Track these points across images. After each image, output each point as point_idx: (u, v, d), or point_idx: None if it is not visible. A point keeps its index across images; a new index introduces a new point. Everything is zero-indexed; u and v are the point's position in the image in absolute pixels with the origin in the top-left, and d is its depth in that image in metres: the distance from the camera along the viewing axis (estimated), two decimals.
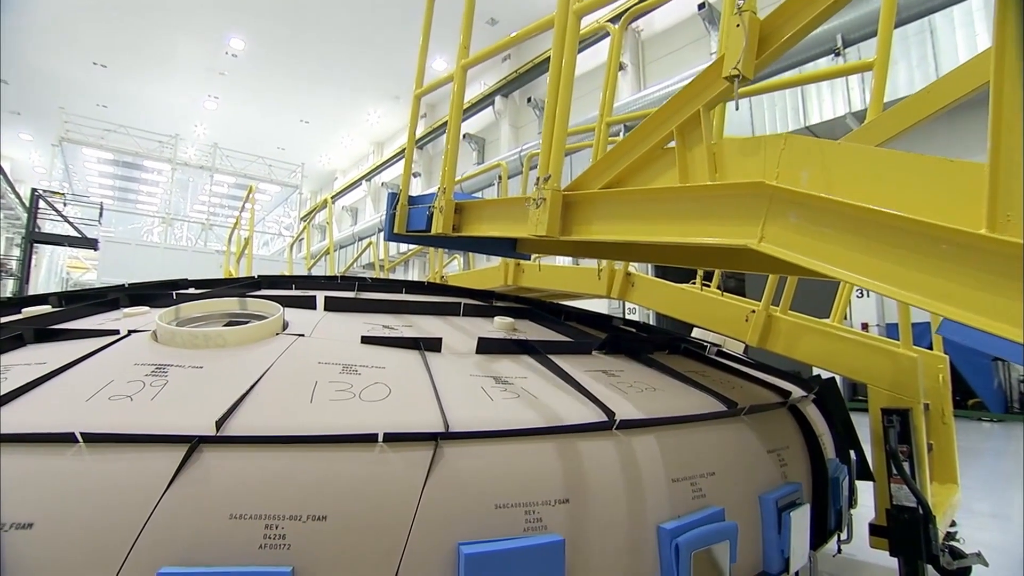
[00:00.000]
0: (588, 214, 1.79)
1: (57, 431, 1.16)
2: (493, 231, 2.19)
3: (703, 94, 1.51)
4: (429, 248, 5.97)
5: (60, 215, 15.08)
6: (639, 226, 1.61)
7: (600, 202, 1.76)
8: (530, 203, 1.83)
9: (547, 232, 1.76)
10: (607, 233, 1.70)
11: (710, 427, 1.82)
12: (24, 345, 1.71)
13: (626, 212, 1.66)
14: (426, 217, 2.43)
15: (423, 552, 1.14)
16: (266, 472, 1.14)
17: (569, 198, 1.83)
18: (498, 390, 1.51)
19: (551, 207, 1.77)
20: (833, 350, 2.84)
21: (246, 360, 1.49)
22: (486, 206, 2.29)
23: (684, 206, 1.48)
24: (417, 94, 2.89)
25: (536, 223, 1.80)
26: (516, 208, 2.03)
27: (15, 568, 1.02)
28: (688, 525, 1.50)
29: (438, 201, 2.36)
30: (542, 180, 1.82)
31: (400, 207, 2.62)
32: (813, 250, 1.16)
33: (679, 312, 3.60)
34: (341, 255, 22.01)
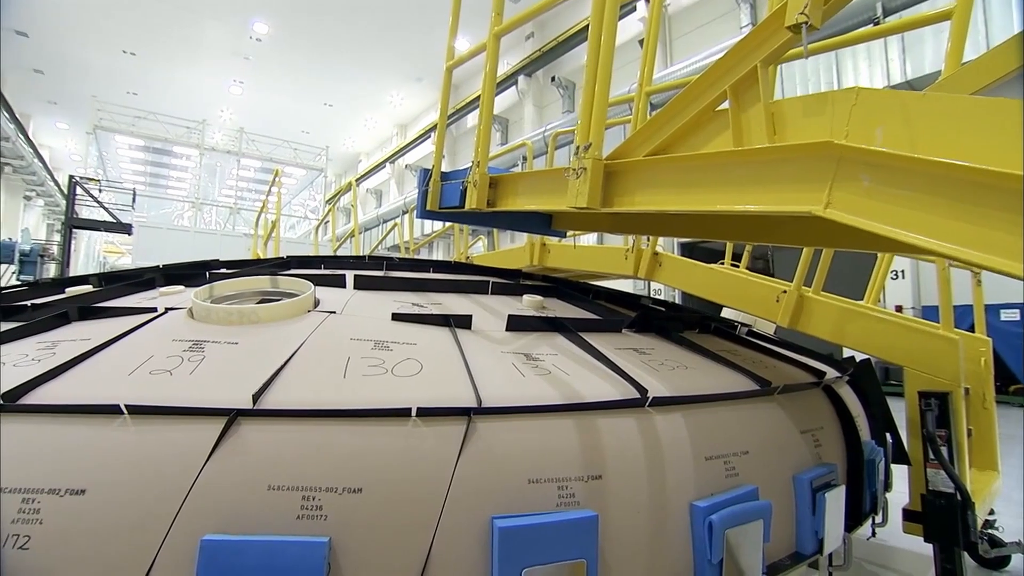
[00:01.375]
0: (631, 184, 1.69)
1: (103, 403, 1.20)
2: (529, 205, 2.11)
3: (761, 48, 1.38)
4: (454, 229, 5.97)
5: (96, 201, 15.52)
6: (687, 195, 1.50)
7: (644, 170, 1.65)
8: (569, 173, 1.74)
9: (587, 203, 1.67)
10: (651, 204, 1.60)
11: (743, 406, 1.79)
12: (69, 322, 1.77)
13: (673, 180, 1.56)
14: (459, 193, 2.35)
15: (457, 525, 1.15)
16: (302, 445, 1.16)
17: (611, 167, 1.73)
18: (529, 367, 1.50)
19: (592, 177, 1.67)
20: (868, 331, 2.76)
21: (280, 336, 1.51)
22: (522, 179, 2.21)
23: (738, 172, 1.37)
24: (449, 66, 2.79)
25: (576, 194, 1.71)
26: (554, 180, 1.95)
27: (71, 531, 1.06)
28: (722, 503, 1.48)
29: (472, 175, 2.28)
30: (582, 149, 1.72)
31: (432, 183, 2.56)
32: (890, 216, 1.03)
33: (708, 292, 3.53)
34: (366, 237, 22.22)
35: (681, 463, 1.49)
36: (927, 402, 2.44)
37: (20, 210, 25.71)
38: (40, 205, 28.26)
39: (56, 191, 24.42)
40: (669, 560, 1.41)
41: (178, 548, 1.07)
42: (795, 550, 1.77)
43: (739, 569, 1.48)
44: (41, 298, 2.19)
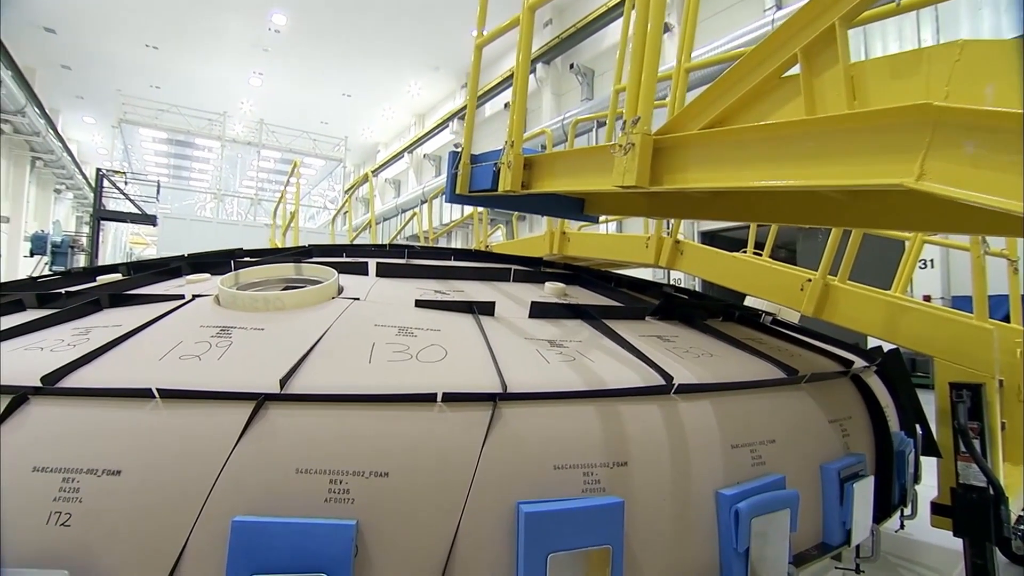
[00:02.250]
0: (683, 160, 1.57)
1: (136, 387, 1.22)
2: (568, 186, 2.00)
3: (839, 4, 1.24)
4: (473, 218, 5.96)
5: (122, 193, 15.83)
6: (749, 171, 1.37)
7: (699, 145, 1.53)
8: (616, 150, 1.63)
9: (636, 182, 1.56)
10: (707, 180, 1.48)
11: (769, 394, 1.76)
12: (101, 309, 1.81)
13: (732, 155, 1.43)
14: (491, 175, 2.25)
15: (483, 510, 1.15)
16: (329, 429, 1.17)
17: (661, 143, 1.61)
18: (553, 353, 1.49)
19: (641, 153, 1.56)
20: (897, 320, 2.69)
21: (305, 322, 1.52)
22: (560, 158, 2.10)
23: (811, 143, 1.24)
24: (479, 43, 2.70)
25: (623, 172, 1.60)
26: (597, 158, 1.84)
27: (109, 510, 1.09)
28: (748, 492, 1.46)
29: (505, 156, 2.18)
30: (630, 124, 1.61)
31: (462, 166, 2.46)
32: (1001, 186, 0.90)
33: (730, 281, 3.48)
34: (385, 227, 22.34)
35: (707, 451, 1.48)
36: (959, 393, 2.37)
37: (51, 203, 26.37)
38: (69, 198, 28.96)
39: (84, 184, 24.98)
40: (694, 548, 1.40)
41: (210, 528, 1.10)
42: (822, 540, 1.75)
43: (765, 558, 1.47)
44: (74, 286, 2.25)
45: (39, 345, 1.50)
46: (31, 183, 22.53)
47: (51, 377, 1.25)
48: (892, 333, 2.69)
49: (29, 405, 1.23)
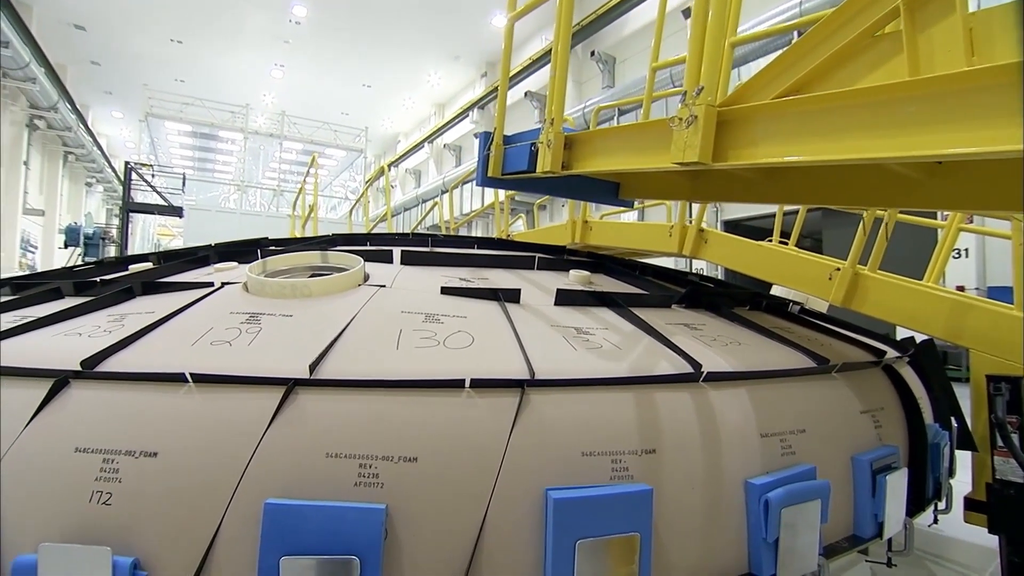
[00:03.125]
0: (753, 133, 1.43)
1: (170, 372, 1.25)
2: (614, 165, 1.87)
3: None
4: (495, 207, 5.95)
5: (150, 185, 16.19)
6: (836, 142, 1.23)
7: (773, 116, 1.39)
8: (676, 123, 1.50)
9: (698, 158, 1.45)
10: (781, 154, 1.35)
11: (800, 383, 1.73)
12: (133, 297, 1.85)
13: (814, 126, 1.29)
14: (528, 156, 2.13)
15: (511, 496, 1.15)
16: (358, 414, 1.18)
17: (727, 115, 1.47)
18: (580, 340, 1.48)
19: (704, 126, 1.44)
20: (930, 311, 2.61)
21: (332, 309, 1.53)
22: (606, 136, 1.97)
23: (914, 109, 1.09)
24: (512, 16, 2.58)
25: (684, 147, 1.48)
26: (649, 134, 1.72)
27: (147, 491, 1.12)
28: (778, 481, 1.44)
29: (544, 135, 2.06)
30: (692, 94, 1.48)
31: (495, 147, 2.34)
32: None
33: (756, 270, 3.41)
34: (405, 217, 22.46)
35: (736, 439, 1.46)
36: (996, 386, 2.30)
37: (83, 196, 27.12)
38: (100, 191, 29.74)
39: (113, 177, 25.61)
40: (723, 537, 1.39)
41: (243, 510, 1.12)
42: (852, 533, 1.72)
43: (795, 549, 1.44)
44: (107, 275, 2.30)
45: (77, 331, 1.54)
46: (64, 177, 23.19)
47: (90, 361, 1.28)
48: (926, 324, 2.60)
49: (70, 388, 1.26)
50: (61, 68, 18.71)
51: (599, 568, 1.14)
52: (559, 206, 14.20)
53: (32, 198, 18.85)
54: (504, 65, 2.55)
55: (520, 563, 1.14)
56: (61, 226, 20.06)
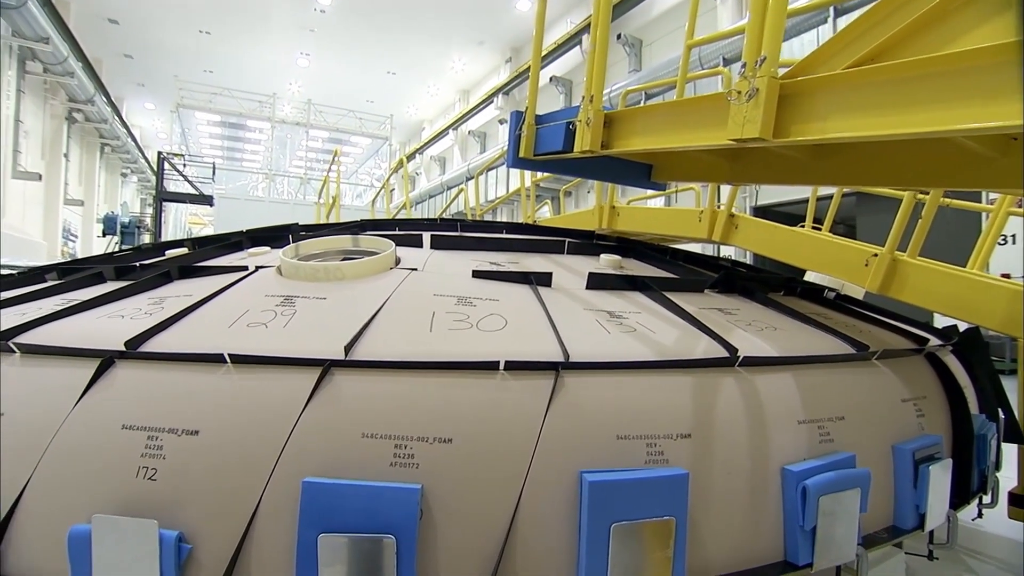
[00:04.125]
0: (820, 106, 1.33)
1: (209, 352, 1.27)
2: (661, 143, 1.78)
3: None
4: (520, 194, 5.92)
5: (181, 175, 16.56)
6: (926, 113, 1.11)
7: (846, 87, 1.28)
8: (735, 97, 1.42)
9: (759, 133, 1.36)
10: (857, 129, 1.25)
11: (838, 369, 1.68)
12: (171, 280, 1.90)
13: (897, 96, 1.17)
14: (563, 135, 2.05)
15: (546, 478, 1.15)
16: (393, 395, 1.19)
17: (790, 88, 1.38)
18: (613, 324, 1.47)
19: (767, 99, 1.35)
20: (977, 299, 2.50)
21: (365, 291, 1.54)
22: (652, 113, 1.87)
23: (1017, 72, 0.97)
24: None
25: (743, 122, 1.39)
26: (699, 110, 1.64)
27: (189, 467, 1.15)
28: (816, 469, 1.41)
29: (583, 112, 1.97)
30: (752, 65, 1.39)
31: (526, 127, 2.25)
32: None
33: (789, 256, 3.32)
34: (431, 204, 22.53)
35: (772, 425, 1.43)
36: None
37: (119, 186, 27.92)
38: (134, 181, 30.57)
39: (147, 167, 26.27)
40: (758, 523, 1.37)
41: (281, 488, 1.14)
42: (892, 524, 1.67)
43: (833, 538, 1.41)
44: (146, 260, 2.36)
45: (120, 313, 1.58)
46: (101, 168, 23.89)
47: (133, 342, 1.32)
48: (971, 312, 2.50)
49: (115, 368, 1.30)
50: (97, 62, 19.18)
51: (634, 552, 1.14)
52: (585, 192, 14.07)
53: (72, 189, 19.48)
54: (537, 39, 2.46)
55: (554, 545, 1.14)
56: (99, 215, 20.71)
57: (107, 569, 1.10)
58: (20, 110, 14.73)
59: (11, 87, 14.15)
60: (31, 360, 1.38)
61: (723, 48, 10.54)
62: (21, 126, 14.74)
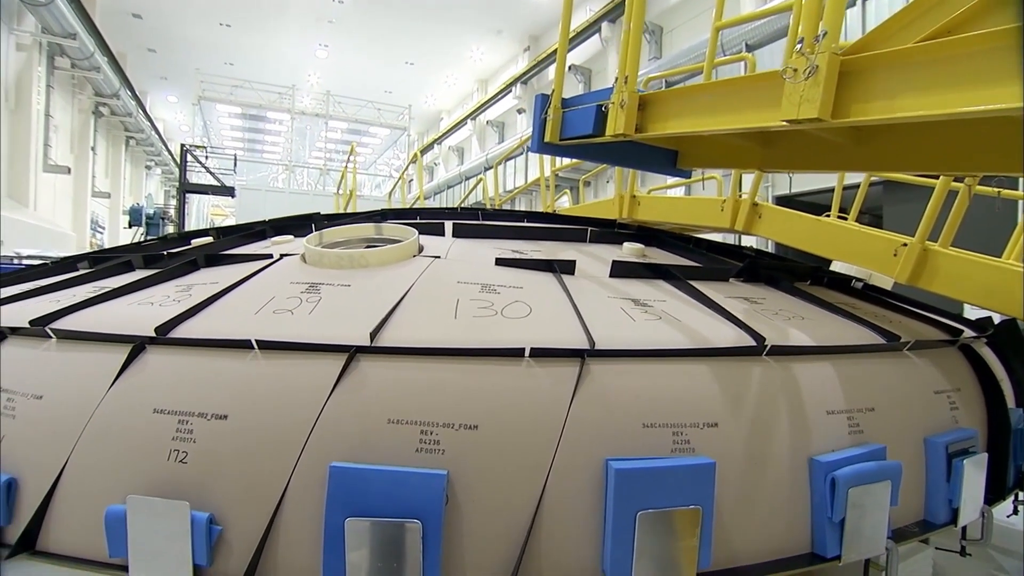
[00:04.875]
0: (888, 84, 1.24)
1: (236, 338, 1.29)
2: (703, 126, 1.70)
3: None
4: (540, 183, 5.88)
5: (204, 167, 16.79)
6: (1009, 87, 1.03)
7: (919, 62, 1.18)
8: (791, 75, 1.34)
9: (818, 113, 1.29)
10: (931, 107, 1.16)
11: (869, 360, 1.64)
12: (198, 268, 1.92)
13: (975, 71, 1.09)
14: (593, 119, 1.97)
15: (571, 465, 1.14)
16: (419, 381, 1.19)
17: (852, 65, 1.29)
18: (639, 311, 1.45)
19: (827, 77, 1.28)
20: (1012, 289, 2.42)
21: (389, 279, 1.55)
22: (691, 94, 1.78)
23: None
24: None
25: (799, 102, 1.32)
26: (750, 90, 1.55)
27: (219, 451, 1.17)
28: (846, 460, 1.38)
29: (616, 94, 1.89)
30: (811, 41, 1.31)
31: (553, 110, 2.17)
32: None
33: (814, 246, 3.24)
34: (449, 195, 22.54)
35: (800, 415, 1.40)
36: None
37: (143, 178, 28.46)
38: (158, 174, 31.12)
39: (170, 160, 26.72)
40: (785, 514, 1.35)
41: (309, 472, 1.15)
42: (923, 518, 1.64)
43: (862, 530, 1.39)
44: (172, 249, 2.40)
45: (149, 300, 1.61)
46: (126, 161, 24.35)
47: (163, 328, 1.34)
48: (1007, 303, 2.41)
49: (146, 353, 1.32)
50: (121, 56, 19.49)
51: (660, 540, 1.13)
52: (604, 182, 13.94)
53: (99, 181, 19.90)
54: (565, 15, 2.36)
55: (579, 532, 1.14)
56: (125, 207, 21.15)
57: (142, 548, 1.13)
58: (50, 105, 15.08)
59: (41, 83, 14.48)
60: (66, 345, 1.41)
61: (746, 34, 10.33)
62: (51, 121, 15.09)
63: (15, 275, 2.33)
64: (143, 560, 1.14)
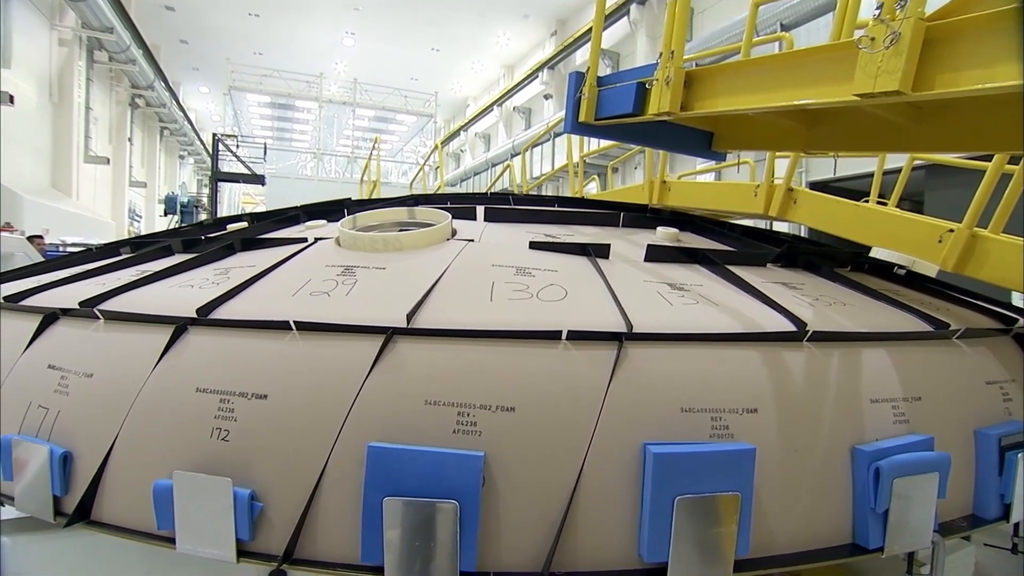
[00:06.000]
0: (980, 51, 1.13)
1: (275, 319, 1.31)
2: (758, 103, 1.59)
3: None
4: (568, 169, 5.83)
5: (235, 155, 17.13)
6: None
7: None
8: (867, 45, 1.24)
9: (899, 86, 1.19)
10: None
11: (915, 348, 1.58)
12: (234, 252, 1.96)
13: None
14: (634, 96, 1.88)
15: (608, 449, 1.13)
16: (455, 363, 1.19)
17: (939, 32, 1.19)
18: (676, 295, 1.42)
19: (911, 45, 1.17)
20: None
21: (424, 262, 1.55)
22: (744, 69, 1.68)
23: None
24: None
25: (876, 74, 1.22)
26: (814, 63, 1.46)
27: (259, 430, 1.19)
28: (890, 450, 1.34)
29: (661, 70, 1.80)
30: (891, 7, 1.22)
31: (588, 88, 2.07)
32: None
33: (852, 232, 3.12)
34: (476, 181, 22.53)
35: (843, 403, 1.36)
36: None
37: (177, 168, 29.22)
38: (190, 163, 31.89)
39: (202, 149, 27.33)
40: (826, 504, 1.31)
41: (347, 451, 1.17)
42: (972, 512, 1.58)
43: (907, 522, 1.35)
44: (209, 234, 2.45)
45: (189, 283, 1.65)
46: (161, 151, 25.00)
47: (204, 309, 1.37)
48: None
49: (188, 334, 1.35)
50: (155, 48, 19.93)
51: (698, 526, 1.11)
52: (631, 169, 13.75)
53: (135, 171, 20.49)
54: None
55: (616, 516, 1.13)
56: (160, 196, 21.76)
57: (188, 521, 1.17)
58: (90, 98, 15.55)
59: (81, 76, 14.94)
60: (113, 326, 1.46)
61: (781, 13, 10.03)
62: (91, 113, 15.57)
63: (63, 260, 2.41)
64: (189, 533, 1.17)
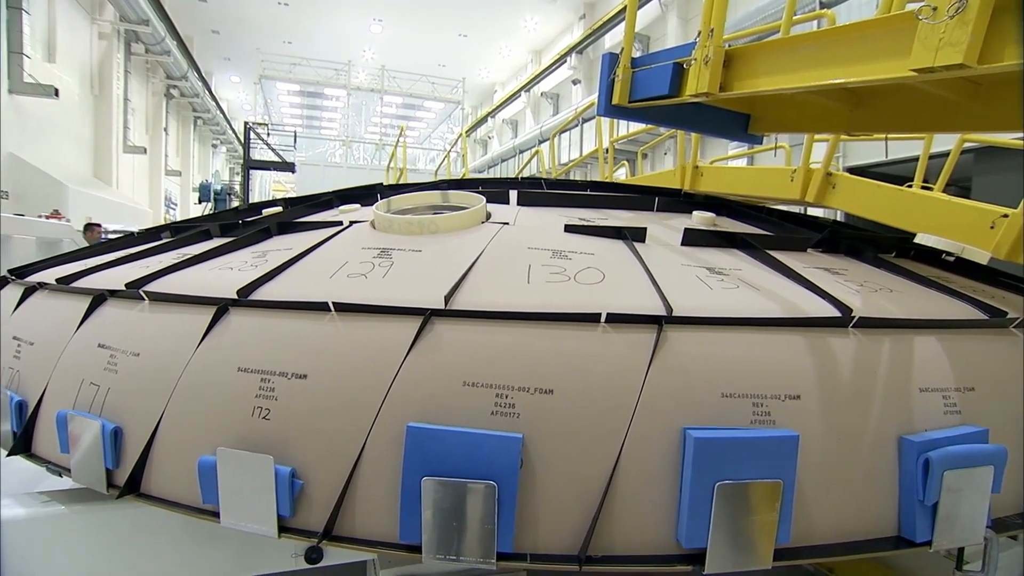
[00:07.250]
0: None
1: (314, 300, 1.32)
2: (803, 81, 1.54)
3: None
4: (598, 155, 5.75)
5: (266, 143, 17.42)
6: None
7: None
8: (930, 15, 1.17)
9: (964, 59, 1.13)
10: None
11: (968, 336, 1.52)
12: (271, 236, 1.99)
13: None
14: (670, 77, 1.85)
15: (647, 433, 1.12)
16: (494, 345, 1.19)
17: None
18: (715, 279, 1.39)
19: (979, 14, 1.10)
20: None
21: (459, 244, 1.55)
22: (788, 46, 1.61)
23: None
24: None
25: (938, 46, 1.16)
26: (867, 37, 1.39)
27: (299, 409, 1.21)
28: (940, 441, 1.29)
29: (700, 50, 1.76)
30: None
31: (622, 70, 2.04)
32: None
33: (895, 218, 3.01)
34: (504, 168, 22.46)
35: (890, 392, 1.31)
36: None
37: (210, 156, 29.88)
38: (223, 152, 32.58)
39: (234, 138, 27.88)
40: (871, 494, 1.28)
41: (386, 431, 1.18)
42: None
43: (957, 516, 1.30)
44: (245, 219, 2.49)
45: (228, 266, 1.68)
46: (194, 140, 25.59)
47: (245, 291, 1.39)
48: None
49: (229, 315, 1.38)
50: (188, 39, 20.31)
51: (738, 513, 1.10)
52: (661, 155, 13.50)
53: (171, 160, 21.03)
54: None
55: (655, 500, 1.12)
56: (194, 184, 22.29)
57: (232, 496, 1.20)
58: (127, 89, 15.98)
59: (120, 69, 15.36)
60: (158, 307, 1.50)
61: None
62: (129, 104, 16.01)
63: (108, 244, 2.49)
64: (232, 508, 1.21)
